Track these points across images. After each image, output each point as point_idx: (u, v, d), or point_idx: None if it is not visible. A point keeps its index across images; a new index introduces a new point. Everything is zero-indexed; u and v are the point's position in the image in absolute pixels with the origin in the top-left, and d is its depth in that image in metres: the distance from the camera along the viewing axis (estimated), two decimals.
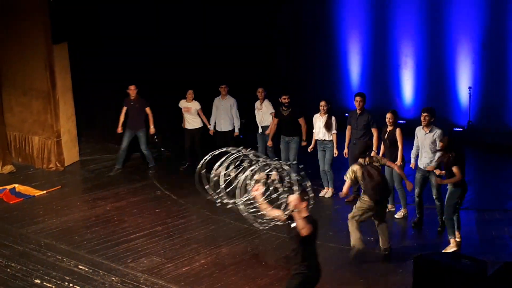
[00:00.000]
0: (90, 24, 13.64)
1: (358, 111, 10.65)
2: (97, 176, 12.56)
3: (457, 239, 8.89)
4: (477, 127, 14.41)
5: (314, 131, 11.21)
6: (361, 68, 16.25)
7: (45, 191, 11.59)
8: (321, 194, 11.23)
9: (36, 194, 11.46)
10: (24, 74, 12.84)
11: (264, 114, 12.07)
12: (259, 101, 12.13)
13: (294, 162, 11.35)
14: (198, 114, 12.64)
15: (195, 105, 12.65)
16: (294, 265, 6.37)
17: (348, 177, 8.80)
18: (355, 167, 8.77)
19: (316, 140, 11.17)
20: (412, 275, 6.71)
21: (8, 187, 11.61)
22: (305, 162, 12.03)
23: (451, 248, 8.79)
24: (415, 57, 15.37)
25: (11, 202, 11.07)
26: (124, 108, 12.61)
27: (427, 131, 9.41)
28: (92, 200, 11.26)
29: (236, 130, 12.51)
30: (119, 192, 11.66)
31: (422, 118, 9.42)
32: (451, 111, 14.89)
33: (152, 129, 12.70)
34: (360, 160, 8.81)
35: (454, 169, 8.57)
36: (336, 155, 10.99)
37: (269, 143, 11.78)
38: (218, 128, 12.57)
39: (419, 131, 9.54)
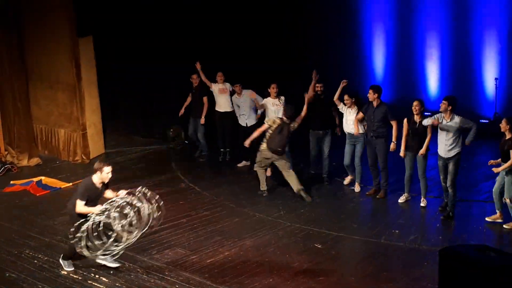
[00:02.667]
0: (115, 16, 13.71)
1: (374, 104, 10.48)
2: (122, 169, 12.64)
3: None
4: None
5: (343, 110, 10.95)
6: (386, 59, 16.12)
7: (71, 184, 11.70)
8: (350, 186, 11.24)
9: (62, 186, 11.58)
10: (50, 67, 12.95)
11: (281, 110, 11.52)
12: (271, 97, 11.52)
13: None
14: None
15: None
16: None
17: (267, 122, 10.62)
18: (278, 120, 10.54)
19: (346, 133, 10.96)
20: (438, 268, 6.66)
21: (35, 179, 11.76)
22: (335, 154, 12.10)
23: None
24: (440, 49, 15.21)
25: (37, 194, 11.21)
26: (190, 95, 12.85)
27: (448, 120, 9.52)
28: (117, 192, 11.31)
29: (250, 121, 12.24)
30: (144, 184, 11.69)
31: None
32: (477, 103, 14.72)
33: (202, 120, 12.76)
34: (285, 118, 10.45)
35: None
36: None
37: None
38: (242, 123, 12.32)
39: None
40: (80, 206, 7.83)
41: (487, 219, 9.50)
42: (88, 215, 7.78)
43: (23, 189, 11.41)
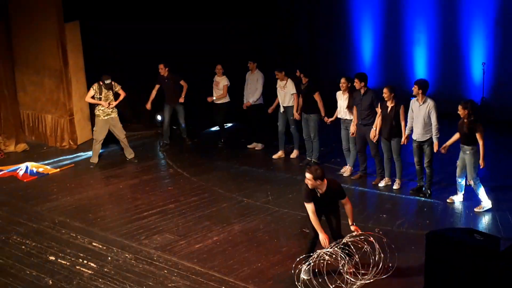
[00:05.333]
0: (102, 1, 13.59)
1: (362, 92, 10.54)
2: (110, 154, 12.62)
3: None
4: (491, 103, 14.31)
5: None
6: (374, 45, 16.14)
7: (58, 169, 11.67)
8: (341, 171, 11.25)
9: (49, 172, 11.54)
10: (36, 53, 12.87)
11: (287, 94, 11.77)
12: (280, 81, 11.85)
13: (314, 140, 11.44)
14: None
15: (223, 81, 12.82)
16: None
17: (92, 90, 11.54)
18: (95, 86, 11.53)
19: (339, 118, 11.06)
20: (424, 252, 6.70)
21: (22, 165, 11.70)
22: (327, 139, 12.14)
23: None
24: (428, 34, 15.24)
25: (25, 180, 11.16)
26: (157, 86, 12.88)
27: (421, 103, 9.68)
28: (105, 178, 11.33)
29: (251, 101, 12.48)
30: (132, 170, 11.72)
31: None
32: (465, 87, 14.79)
33: (181, 99, 12.88)
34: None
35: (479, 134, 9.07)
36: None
37: (296, 116, 11.63)
38: (245, 100, 12.69)
39: (414, 103, 9.80)
40: (309, 210, 7.35)
41: (448, 200, 9.71)
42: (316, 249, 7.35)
43: (10, 175, 11.37)
